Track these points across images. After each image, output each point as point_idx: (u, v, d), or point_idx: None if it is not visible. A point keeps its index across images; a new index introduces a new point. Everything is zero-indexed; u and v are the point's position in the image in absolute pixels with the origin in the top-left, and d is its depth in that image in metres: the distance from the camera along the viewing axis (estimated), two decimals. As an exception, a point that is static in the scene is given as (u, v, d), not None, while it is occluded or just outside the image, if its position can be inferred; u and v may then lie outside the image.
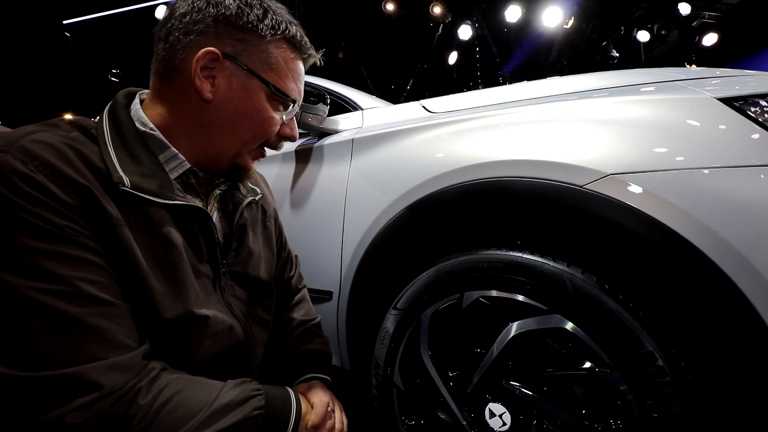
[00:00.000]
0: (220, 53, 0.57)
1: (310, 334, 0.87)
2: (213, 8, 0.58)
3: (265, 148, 0.69)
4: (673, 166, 0.63)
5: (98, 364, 0.44)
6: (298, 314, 0.89)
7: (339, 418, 0.72)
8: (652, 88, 0.78)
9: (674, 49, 7.53)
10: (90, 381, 0.43)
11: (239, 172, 0.67)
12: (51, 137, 0.47)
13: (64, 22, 6.95)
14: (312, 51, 0.67)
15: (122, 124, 0.56)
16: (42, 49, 7.43)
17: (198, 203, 0.60)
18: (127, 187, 0.50)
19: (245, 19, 0.58)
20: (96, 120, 0.57)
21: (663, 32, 6.42)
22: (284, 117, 0.65)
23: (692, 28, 6.71)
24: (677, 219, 0.61)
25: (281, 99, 0.63)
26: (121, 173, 0.50)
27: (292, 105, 0.65)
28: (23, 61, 7.67)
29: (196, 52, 0.57)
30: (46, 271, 0.42)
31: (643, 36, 6.52)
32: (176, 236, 0.56)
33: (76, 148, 0.49)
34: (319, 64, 0.70)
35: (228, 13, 0.58)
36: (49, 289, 0.42)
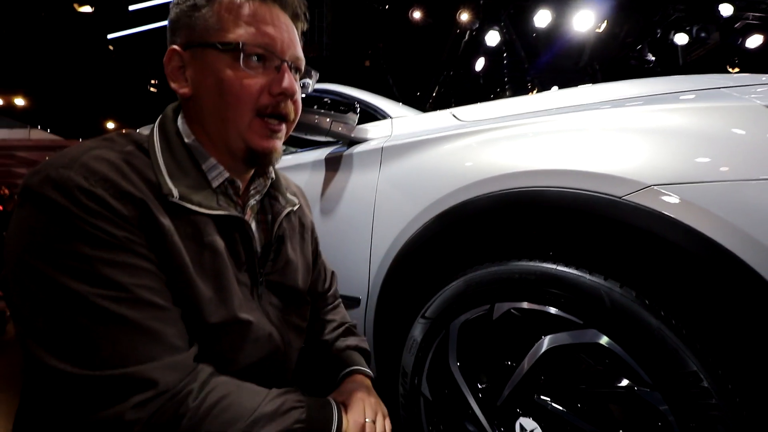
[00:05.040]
0: (178, 48, 0.59)
1: (349, 332, 0.88)
2: (171, 18, 0.61)
3: (276, 121, 0.62)
4: (718, 177, 0.61)
5: (155, 364, 0.47)
6: (336, 317, 0.90)
7: (381, 428, 0.69)
8: (693, 96, 0.76)
9: (715, 51, 7.16)
10: (148, 378, 0.46)
11: (258, 157, 0.63)
12: (109, 153, 0.51)
13: (109, 36, 7.42)
14: None
15: (170, 138, 0.60)
16: (89, 62, 7.95)
17: (237, 213, 0.62)
18: (175, 198, 0.53)
19: (183, 5, 0.60)
20: (147, 133, 0.61)
21: (702, 35, 6.11)
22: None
23: (735, 29, 6.37)
24: (723, 232, 0.58)
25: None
26: (171, 185, 0.53)
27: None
28: (72, 73, 8.22)
29: None
30: (106, 278, 0.46)
31: (681, 39, 6.23)
32: (220, 244, 0.58)
33: (131, 163, 0.52)
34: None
35: (177, 11, 0.60)
36: (110, 295, 0.46)
